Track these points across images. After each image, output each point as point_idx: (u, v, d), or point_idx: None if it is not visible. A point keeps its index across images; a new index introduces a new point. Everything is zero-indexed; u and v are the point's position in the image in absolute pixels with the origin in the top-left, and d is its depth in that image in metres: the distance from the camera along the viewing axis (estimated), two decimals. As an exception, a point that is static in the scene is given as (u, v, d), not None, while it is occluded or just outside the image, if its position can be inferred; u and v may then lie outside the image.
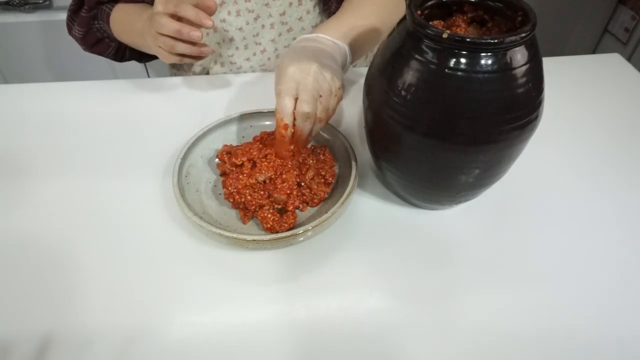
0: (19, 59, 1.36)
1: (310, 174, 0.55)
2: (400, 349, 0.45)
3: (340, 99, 0.55)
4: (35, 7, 1.25)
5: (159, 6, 0.59)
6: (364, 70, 0.52)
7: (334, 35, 0.58)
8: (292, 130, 0.52)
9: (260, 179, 0.53)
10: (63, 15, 1.26)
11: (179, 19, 0.59)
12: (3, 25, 1.27)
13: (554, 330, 0.46)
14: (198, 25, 0.59)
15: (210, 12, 0.59)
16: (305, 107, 0.50)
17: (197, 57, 0.64)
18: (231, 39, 0.78)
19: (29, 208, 0.58)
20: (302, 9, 0.78)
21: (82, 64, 1.34)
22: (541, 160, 0.62)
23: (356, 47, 0.61)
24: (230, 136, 0.63)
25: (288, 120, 0.51)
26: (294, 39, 0.81)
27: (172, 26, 0.58)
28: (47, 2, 1.24)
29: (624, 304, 0.48)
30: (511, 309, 0.47)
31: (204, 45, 0.62)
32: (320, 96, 0.51)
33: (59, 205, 0.58)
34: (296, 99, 0.51)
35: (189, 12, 0.58)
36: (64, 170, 0.63)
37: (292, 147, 0.54)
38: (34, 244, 0.54)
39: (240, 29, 0.77)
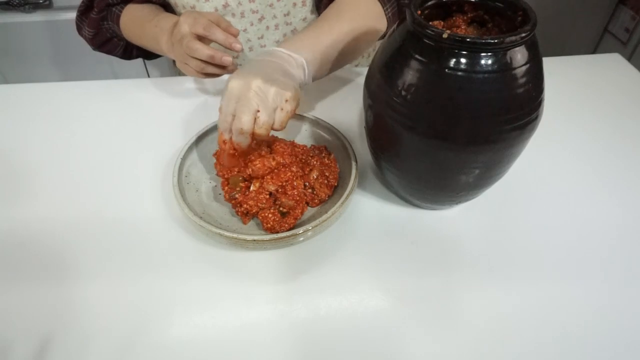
0: (19, 59, 1.36)
1: (314, 173, 0.55)
2: (401, 348, 0.45)
3: (291, 112, 0.53)
4: (35, 7, 1.26)
5: (185, 26, 0.61)
6: (364, 70, 0.52)
7: (292, 49, 0.57)
8: (230, 145, 0.53)
9: (272, 188, 0.53)
10: (63, 15, 1.27)
11: (200, 37, 0.61)
12: (3, 25, 1.27)
13: (555, 330, 0.46)
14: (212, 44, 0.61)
15: (233, 35, 0.62)
16: (238, 123, 0.50)
17: (221, 74, 0.67)
18: None
19: (29, 208, 0.58)
20: (306, 10, 0.78)
21: (82, 63, 1.34)
22: (541, 161, 0.62)
23: (323, 60, 0.61)
24: (230, 136, 0.63)
25: (226, 135, 0.52)
26: None
27: (205, 52, 0.60)
28: (47, 2, 1.24)
29: (627, 302, 0.48)
30: (512, 309, 0.47)
31: (232, 64, 0.64)
32: (258, 111, 0.50)
33: (59, 205, 0.59)
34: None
35: (219, 36, 0.60)
36: (63, 170, 0.64)
37: (235, 158, 0.54)
38: (34, 244, 0.54)
39: (245, 30, 0.77)
